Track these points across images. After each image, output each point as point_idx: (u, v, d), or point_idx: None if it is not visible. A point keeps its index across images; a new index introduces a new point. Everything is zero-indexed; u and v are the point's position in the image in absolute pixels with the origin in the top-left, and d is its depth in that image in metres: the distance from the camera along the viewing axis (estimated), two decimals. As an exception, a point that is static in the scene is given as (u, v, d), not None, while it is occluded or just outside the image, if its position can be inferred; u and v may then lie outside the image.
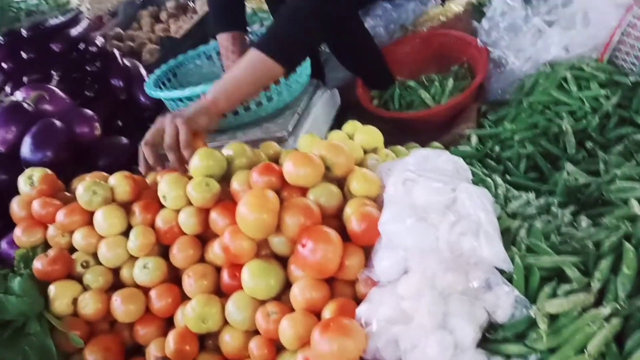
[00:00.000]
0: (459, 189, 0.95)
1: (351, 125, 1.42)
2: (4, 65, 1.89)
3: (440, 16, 2.22)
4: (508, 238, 0.98)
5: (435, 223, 0.92)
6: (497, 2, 1.88)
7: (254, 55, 1.41)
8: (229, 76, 1.43)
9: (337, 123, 1.91)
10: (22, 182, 1.34)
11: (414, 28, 2.25)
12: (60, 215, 1.25)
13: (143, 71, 2.03)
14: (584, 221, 1.09)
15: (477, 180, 1.15)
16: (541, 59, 1.72)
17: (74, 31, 1.94)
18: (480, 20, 2.01)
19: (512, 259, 0.91)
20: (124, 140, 1.68)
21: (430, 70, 2.06)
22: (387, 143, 1.40)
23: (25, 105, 1.58)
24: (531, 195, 1.19)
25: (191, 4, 3.05)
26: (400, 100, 1.99)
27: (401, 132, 1.72)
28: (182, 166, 1.30)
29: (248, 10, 2.24)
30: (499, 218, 0.98)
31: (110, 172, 1.36)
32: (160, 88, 1.88)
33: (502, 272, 0.91)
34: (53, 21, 1.94)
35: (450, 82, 1.92)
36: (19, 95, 1.64)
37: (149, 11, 3.05)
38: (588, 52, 1.65)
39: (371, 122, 1.43)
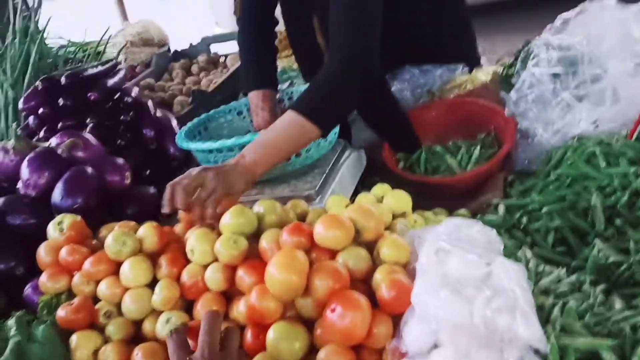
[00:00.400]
0: (495, 263, 0.94)
1: (380, 189, 1.42)
2: (40, 110, 1.94)
3: (467, 84, 2.25)
4: (541, 316, 0.96)
5: (469, 297, 0.90)
6: (526, 74, 1.90)
7: (290, 116, 1.43)
8: (266, 139, 1.44)
9: (362, 184, 1.92)
10: (52, 227, 1.35)
11: (441, 94, 2.27)
12: (87, 264, 1.26)
13: (174, 122, 2.07)
14: (617, 302, 1.06)
15: (508, 253, 1.14)
16: (570, 132, 1.72)
17: (111, 81, 2.00)
18: (507, 89, 2.03)
19: (547, 339, 0.89)
20: (152, 189, 1.70)
21: (455, 137, 2.07)
22: (412, 207, 1.40)
23: (58, 151, 1.61)
24: (562, 271, 1.17)
25: (222, 59, 3.14)
26: (426, 165, 2.00)
27: (425, 197, 1.71)
28: (201, 222, 1.29)
29: (278, 68, 2.29)
30: (531, 294, 0.97)
31: (137, 221, 1.37)
32: (191, 140, 1.91)
33: (535, 351, 0.89)
34: (92, 71, 2.00)
35: (477, 150, 1.93)
36: (53, 142, 1.68)
37: (181, 64, 3.13)
38: (617, 128, 1.65)
39: (396, 185, 1.44)
